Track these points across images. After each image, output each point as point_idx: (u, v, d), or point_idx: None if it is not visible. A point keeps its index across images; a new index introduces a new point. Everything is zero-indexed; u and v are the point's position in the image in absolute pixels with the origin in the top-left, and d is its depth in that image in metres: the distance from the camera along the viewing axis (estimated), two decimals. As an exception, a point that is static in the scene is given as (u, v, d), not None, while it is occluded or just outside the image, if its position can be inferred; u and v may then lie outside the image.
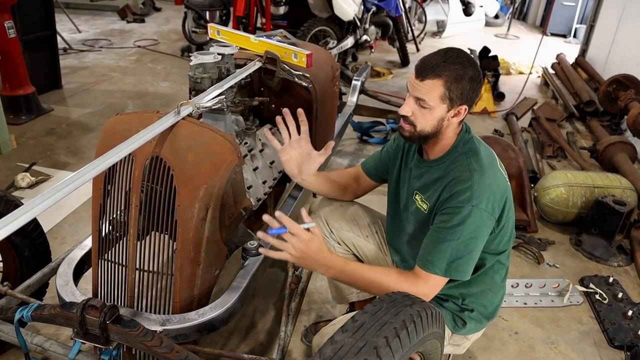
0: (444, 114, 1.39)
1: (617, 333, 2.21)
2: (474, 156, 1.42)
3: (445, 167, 1.45)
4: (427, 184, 1.50)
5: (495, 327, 2.23)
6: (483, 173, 1.38)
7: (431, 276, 1.38)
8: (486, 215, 1.36)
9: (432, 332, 1.20)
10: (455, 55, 1.36)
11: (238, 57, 2.11)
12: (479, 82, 1.39)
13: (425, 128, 1.42)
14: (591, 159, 3.90)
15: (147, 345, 1.24)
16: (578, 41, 8.07)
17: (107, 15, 8.34)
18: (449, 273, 1.38)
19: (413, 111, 1.41)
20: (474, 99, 1.41)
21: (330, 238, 1.80)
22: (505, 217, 1.45)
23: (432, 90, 1.35)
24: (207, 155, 1.43)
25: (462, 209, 1.35)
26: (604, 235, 2.80)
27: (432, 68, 1.34)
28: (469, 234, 1.35)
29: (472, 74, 1.36)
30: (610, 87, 4.60)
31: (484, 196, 1.35)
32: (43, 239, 1.86)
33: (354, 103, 3.59)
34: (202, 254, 1.47)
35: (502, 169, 1.47)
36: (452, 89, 1.34)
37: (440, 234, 1.38)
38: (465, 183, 1.37)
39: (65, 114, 4.29)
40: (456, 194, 1.37)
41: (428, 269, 1.38)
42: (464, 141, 1.46)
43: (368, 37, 5.73)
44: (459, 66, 1.34)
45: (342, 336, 1.05)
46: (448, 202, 1.38)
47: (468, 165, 1.40)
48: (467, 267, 1.40)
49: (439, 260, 1.37)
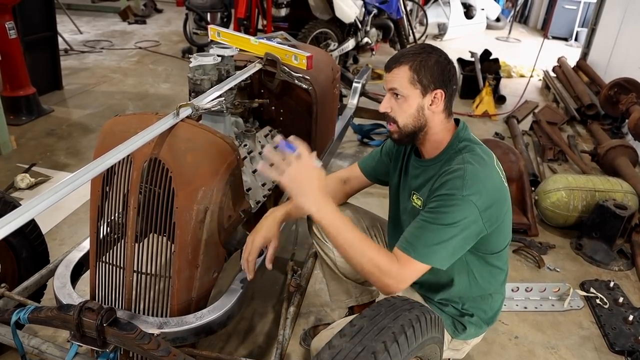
0: (420, 100, 1.39)
1: (617, 338, 2.20)
2: (469, 152, 1.40)
3: (441, 166, 1.43)
4: (423, 183, 1.48)
5: (495, 331, 2.21)
6: (477, 167, 1.35)
7: (409, 259, 1.32)
8: (474, 210, 1.31)
9: (431, 337, 1.19)
10: (420, 46, 1.43)
11: (238, 59, 2.11)
12: (447, 66, 1.41)
13: (407, 122, 1.42)
14: (592, 162, 3.89)
15: (143, 349, 1.23)
16: (579, 44, 8.07)
17: (108, 16, 8.35)
18: (426, 258, 1.32)
19: (391, 106, 1.43)
20: (449, 85, 1.41)
21: (328, 242, 1.79)
22: (500, 218, 1.40)
23: (401, 77, 1.39)
24: (205, 157, 1.43)
25: (452, 196, 1.31)
26: (604, 240, 2.79)
27: (396, 59, 1.42)
28: (453, 221, 1.30)
29: (437, 58, 1.39)
30: (611, 91, 4.59)
31: (475, 188, 1.31)
32: (41, 240, 1.85)
33: (354, 105, 3.59)
34: (200, 256, 1.46)
35: (499, 169, 1.44)
36: (420, 72, 1.37)
37: (424, 218, 1.35)
38: (457, 172, 1.34)
39: (66, 115, 4.29)
40: (447, 182, 1.34)
41: (406, 250, 1.33)
42: (459, 139, 1.45)
43: (369, 40, 5.73)
44: (422, 52, 1.39)
45: (339, 341, 1.04)
46: (439, 190, 1.35)
47: (463, 159, 1.38)
48: (445, 255, 1.33)
49: (418, 243, 1.32)
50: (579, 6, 8.83)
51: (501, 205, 1.40)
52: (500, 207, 1.39)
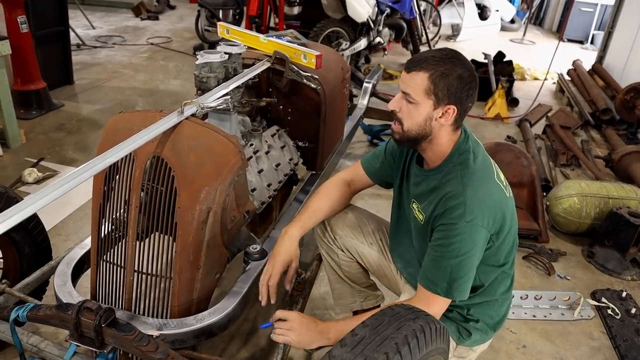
0: (430, 111, 1.34)
1: (629, 350, 2.14)
2: (467, 169, 1.38)
3: (441, 178, 1.41)
4: (423, 193, 1.46)
5: (502, 339, 2.17)
6: (476, 187, 1.34)
7: (435, 297, 1.37)
8: (482, 230, 1.33)
9: (436, 347, 1.16)
10: (447, 53, 1.34)
11: (246, 56, 2.08)
12: (470, 84, 1.33)
13: (412, 127, 1.38)
14: (606, 168, 3.81)
15: (141, 350, 1.21)
16: (595, 48, 7.96)
17: (121, 12, 8.39)
18: (451, 294, 1.36)
19: (401, 107, 1.39)
20: (464, 102, 1.35)
21: (334, 245, 1.76)
22: (505, 230, 1.40)
23: (417, 83, 1.33)
24: (209, 157, 1.40)
25: (456, 225, 1.32)
26: (617, 248, 2.72)
27: (419, 61, 1.33)
28: (466, 251, 1.32)
29: (460, 73, 1.31)
30: (627, 96, 4.51)
31: (478, 211, 1.31)
32: (44, 236, 1.84)
33: (364, 105, 3.55)
34: (202, 257, 1.43)
35: (499, 181, 1.42)
36: (438, 84, 1.31)
37: (438, 253, 1.36)
38: (457, 198, 1.33)
39: (76, 110, 4.30)
40: (449, 210, 1.33)
41: (430, 288, 1.37)
42: (460, 151, 1.41)
43: (381, 39, 5.67)
44: (447, 62, 1.31)
45: (340, 351, 1.00)
46: (442, 219, 1.35)
47: (461, 179, 1.36)
48: (466, 287, 1.38)
49: (440, 280, 1.35)
50: (596, 9, 8.72)
51: (505, 216, 1.39)
52: (504, 218, 1.39)
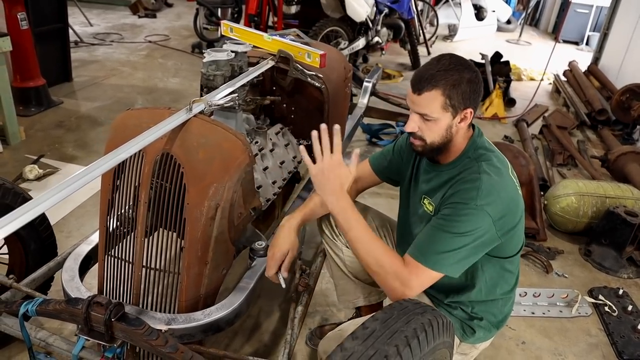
0: (450, 121, 1.36)
1: (626, 346, 2.18)
2: (485, 161, 1.39)
3: (456, 171, 1.42)
4: (435, 188, 1.47)
5: (502, 336, 2.20)
6: (493, 177, 1.35)
7: (417, 265, 1.31)
8: (488, 219, 1.30)
9: (443, 341, 1.18)
10: (448, 62, 1.33)
11: (250, 55, 2.10)
12: (478, 83, 1.36)
13: (435, 139, 1.39)
14: (602, 168, 3.85)
15: (151, 345, 1.22)
16: (590, 49, 8.02)
17: (119, 9, 8.36)
18: (436, 265, 1.30)
19: (419, 126, 1.39)
20: (477, 100, 1.38)
21: (338, 241, 1.78)
22: (513, 226, 1.39)
23: (432, 102, 1.32)
24: (218, 154, 1.41)
25: (465, 205, 1.30)
26: (614, 246, 2.76)
27: (427, 80, 1.31)
28: (466, 230, 1.30)
29: (469, 77, 1.33)
30: (623, 96, 4.55)
31: (490, 199, 1.30)
32: (50, 232, 1.85)
33: (364, 105, 3.57)
34: (209, 253, 1.45)
35: (513, 177, 1.43)
36: (452, 96, 1.32)
37: (435, 224, 1.34)
38: (473, 182, 1.33)
39: (75, 107, 4.29)
40: (462, 190, 1.33)
41: (416, 256, 1.32)
42: (474, 147, 1.44)
43: (379, 39, 5.70)
44: (454, 72, 1.31)
45: (352, 343, 1.02)
46: (453, 198, 1.35)
47: (479, 168, 1.37)
48: (455, 263, 1.32)
49: (428, 250, 1.31)
50: (591, 10, 8.78)
51: (515, 214, 1.39)
52: (514, 216, 1.39)
